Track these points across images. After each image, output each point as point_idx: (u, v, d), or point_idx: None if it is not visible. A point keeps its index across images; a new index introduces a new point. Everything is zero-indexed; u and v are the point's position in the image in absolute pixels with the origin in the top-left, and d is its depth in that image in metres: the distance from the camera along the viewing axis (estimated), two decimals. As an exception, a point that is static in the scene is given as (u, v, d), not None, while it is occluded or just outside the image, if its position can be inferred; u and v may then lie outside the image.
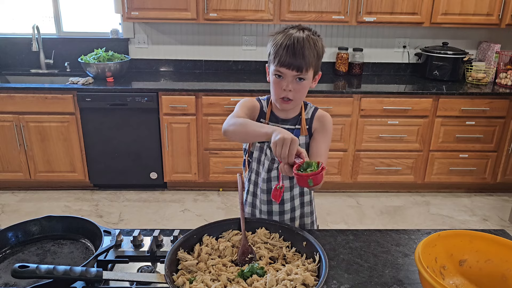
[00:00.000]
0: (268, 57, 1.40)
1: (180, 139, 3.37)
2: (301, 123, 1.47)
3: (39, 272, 0.99)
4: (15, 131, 3.29)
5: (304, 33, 1.34)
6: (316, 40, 1.35)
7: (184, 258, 1.16)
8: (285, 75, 1.34)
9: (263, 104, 1.50)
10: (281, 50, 1.32)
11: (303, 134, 1.47)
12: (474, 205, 3.51)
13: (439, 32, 3.76)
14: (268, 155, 1.47)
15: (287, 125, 1.47)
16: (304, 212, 1.58)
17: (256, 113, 1.49)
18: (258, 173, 1.52)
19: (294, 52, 1.30)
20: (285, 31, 1.36)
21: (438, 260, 1.15)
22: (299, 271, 1.10)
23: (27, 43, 3.69)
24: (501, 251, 1.14)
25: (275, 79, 1.37)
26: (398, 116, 3.35)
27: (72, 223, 1.30)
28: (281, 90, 1.36)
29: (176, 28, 3.72)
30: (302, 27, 1.37)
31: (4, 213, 3.25)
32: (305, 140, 1.47)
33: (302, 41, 1.31)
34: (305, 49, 1.31)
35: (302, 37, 1.32)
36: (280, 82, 1.36)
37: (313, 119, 1.48)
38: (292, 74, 1.33)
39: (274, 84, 1.38)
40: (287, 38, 1.32)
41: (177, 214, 3.27)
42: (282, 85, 1.35)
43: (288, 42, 1.31)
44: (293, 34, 1.33)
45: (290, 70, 1.32)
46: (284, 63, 1.32)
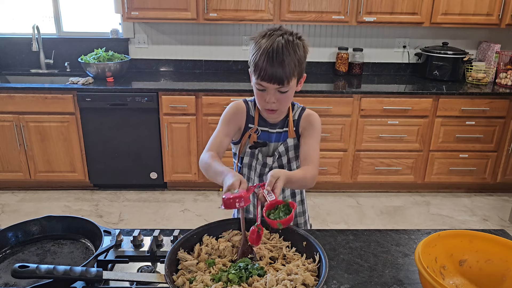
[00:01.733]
0: (249, 64, 1.34)
1: (180, 139, 3.37)
2: (289, 126, 1.45)
3: (39, 272, 0.99)
4: (15, 131, 3.29)
5: (284, 39, 1.27)
6: (296, 45, 1.28)
7: (184, 258, 1.15)
8: (267, 88, 1.30)
9: (250, 107, 1.47)
10: (261, 63, 1.26)
11: (291, 136, 1.46)
12: (474, 205, 3.51)
13: (439, 32, 3.76)
14: (260, 160, 1.46)
15: (275, 129, 1.46)
16: (295, 213, 1.58)
17: (242, 118, 1.46)
18: (249, 178, 1.51)
19: (273, 65, 1.25)
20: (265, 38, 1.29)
21: (438, 260, 1.15)
22: (299, 271, 1.10)
23: (27, 43, 3.69)
24: (501, 251, 1.14)
25: (257, 91, 1.34)
26: (398, 116, 3.35)
27: (72, 223, 1.30)
28: (264, 102, 1.34)
29: (176, 28, 3.72)
30: (282, 32, 1.29)
31: (4, 213, 3.25)
32: (293, 142, 1.46)
33: (281, 52, 1.24)
34: (285, 60, 1.25)
35: (280, 46, 1.25)
36: (263, 94, 1.33)
37: (300, 120, 1.46)
38: (274, 87, 1.29)
39: (257, 95, 1.36)
40: (265, 50, 1.25)
41: (177, 214, 3.27)
42: (265, 98, 1.33)
43: (266, 54, 1.25)
44: (273, 43, 1.25)
45: (272, 84, 1.28)
46: (264, 77, 1.27)
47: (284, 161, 1.47)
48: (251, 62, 1.31)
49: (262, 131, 1.46)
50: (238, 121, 1.46)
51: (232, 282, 1.07)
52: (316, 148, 1.43)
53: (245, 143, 1.48)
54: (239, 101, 1.50)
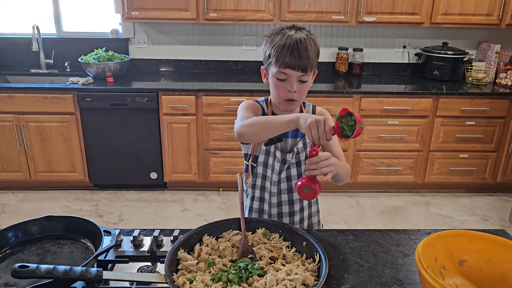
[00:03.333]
0: (266, 59, 1.38)
1: (180, 139, 3.37)
2: None
3: (39, 272, 0.99)
4: (15, 131, 3.29)
5: (303, 33, 1.34)
6: (314, 39, 1.36)
7: (184, 258, 1.16)
8: (289, 76, 1.33)
9: (263, 106, 1.49)
10: (285, 51, 1.30)
11: None
12: (474, 205, 3.51)
13: (439, 32, 3.76)
14: (278, 157, 1.45)
15: None
16: (311, 212, 1.59)
17: (259, 110, 1.48)
18: (265, 176, 1.50)
19: (299, 53, 1.30)
20: (282, 32, 1.34)
21: (438, 260, 1.15)
22: (299, 271, 1.10)
23: (27, 43, 3.69)
24: (501, 251, 1.14)
25: (277, 82, 1.36)
26: (398, 116, 3.35)
27: (72, 223, 1.30)
28: (285, 92, 1.35)
29: (176, 28, 3.72)
30: (299, 27, 1.36)
31: (4, 213, 3.25)
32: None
33: (305, 41, 1.31)
34: (308, 49, 1.31)
35: (302, 37, 1.32)
36: (284, 84, 1.35)
37: None
38: (297, 75, 1.33)
39: (277, 86, 1.37)
40: (288, 39, 1.31)
41: (177, 214, 3.27)
42: (286, 87, 1.34)
43: (290, 42, 1.30)
44: (293, 35, 1.32)
45: (296, 71, 1.31)
46: (289, 64, 1.30)
47: (302, 157, 1.47)
48: (272, 54, 1.33)
49: None
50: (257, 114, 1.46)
51: (232, 282, 1.07)
52: (339, 145, 1.48)
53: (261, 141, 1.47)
54: (251, 101, 1.51)
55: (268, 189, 1.50)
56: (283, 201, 1.51)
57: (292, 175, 1.48)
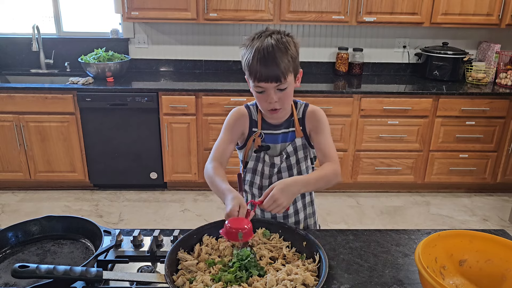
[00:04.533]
0: (244, 70, 1.35)
1: (180, 139, 3.37)
2: (295, 125, 1.45)
3: (39, 272, 0.99)
4: (15, 131, 3.29)
5: (272, 38, 1.28)
6: (286, 42, 1.29)
7: (184, 258, 1.16)
8: (265, 88, 1.30)
9: (252, 112, 1.47)
10: (255, 65, 1.27)
11: (299, 136, 1.45)
12: (474, 205, 3.51)
13: (439, 32, 3.76)
14: (267, 161, 1.46)
15: (280, 130, 1.45)
16: (307, 214, 1.58)
17: (245, 124, 1.46)
18: (253, 183, 1.51)
19: (267, 64, 1.26)
20: (253, 40, 1.30)
21: (438, 260, 1.15)
22: (299, 271, 1.10)
23: (27, 43, 3.69)
24: (501, 251, 1.14)
25: (257, 95, 1.34)
26: (398, 116, 3.35)
27: (72, 223, 1.30)
28: (266, 104, 1.33)
29: (176, 28, 3.72)
30: (270, 32, 1.31)
31: (4, 213, 3.25)
32: (301, 141, 1.46)
33: (273, 50, 1.25)
34: (278, 57, 1.26)
35: (270, 45, 1.26)
36: (263, 96, 1.32)
37: (304, 118, 1.46)
38: (273, 86, 1.29)
39: (258, 99, 1.36)
40: (256, 51, 1.26)
41: (177, 214, 3.27)
42: (266, 99, 1.32)
43: (258, 55, 1.26)
44: (261, 45, 1.27)
45: (269, 83, 1.28)
46: (260, 78, 1.28)
47: (292, 161, 1.46)
48: (245, 67, 1.31)
49: (266, 134, 1.45)
50: (241, 126, 1.46)
51: (232, 282, 1.07)
52: (330, 143, 1.43)
53: (250, 148, 1.47)
54: (241, 106, 1.49)
55: (256, 195, 1.51)
56: None
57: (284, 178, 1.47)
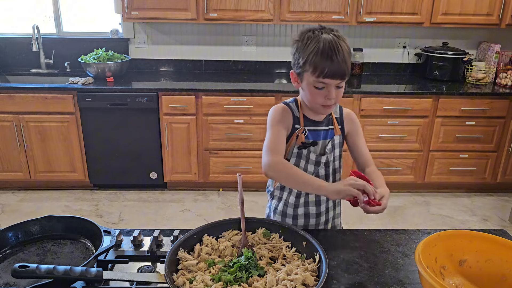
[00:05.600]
0: (298, 65, 1.34)
1: (180, 139, 3.37)
2: (333, 123, 1.47)
3: (39, 272, 0.99)
4: (15, 131, 3.29)
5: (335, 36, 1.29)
6: (345, 40, 1.32)
7: (184, 258, 1.15)
8: (328, 85, 1.31)
9: (293, 109, 1.46)
10: (323, 61, 1.27)
11: (337, 134, 1.47)
12: (474, 205, 3.51)
13: (439, 32, 3.76)
14: (312, 159, 1.44)
15: (321, 126, 1.46)
16: (335, 213, 1.59)
17: (289, 121, 1.44)
18: None
19: (337, 60, 1.27)
20: (315, 37, 1.29)
21: (438, 260, 1.15)
22: (299, 271, 1.10)
23: (27, 43, 3.69)
24: (501, 251, 1.14)
25: (314, 90, 1.33)
26: (398, 116, 3.35)
27: (72, 223, 1.30)
28: (323, 99, 1.33)
29: (176, 28, 3.72)
30: (329, 29, 1.31)
31: (4, 213, 3.25)
32: (339, 139, 1.48)
33: (340, 47, 1.27)
34: (345, 55, 1.28)
35: (336, 41, 1.27)
36: (322, 92, 1.32)
37: (342, 118, 1.50)
38: (335, 83, 1.31)
39: (314, 94, 1.34)
40: (323, 47, 1.27)
41: (177, 214, 3.27)
42: (324, 95, 1.32)
43: (327, 51, 1.26)
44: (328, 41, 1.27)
45: (334, 79, 1.29)
46: (328, 74, 1.28)
47: (330, 158, 1.47)
48: (308, 62, 1.30)
49: (309, 131, 1.45)
50: (287, 121, 1.44)
51: (232, 282, 1.07)
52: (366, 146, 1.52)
53: (292, 145, 1.45)
54: (280, 104, 1.47)
55: (294, 191, 1.49)
56: (310, 201, 1.50)
57: (320, 175, 1.47)
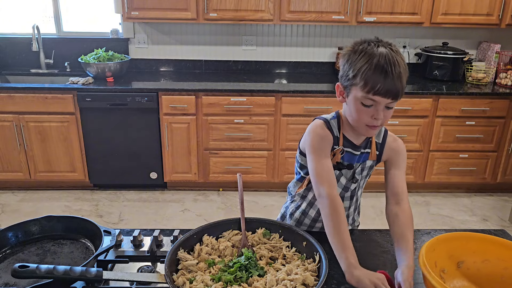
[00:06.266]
0: (346, 78, 1.22)
1: (180, 139, 3.37)
2: (371, 147, 1.38)
3: (39, 272, 0.99)
4: (15, 131, 3.29)
5: (392, 51, 1.18)
6: (402, 57, 1.20)
7: (184, 258, 1.16)
8: (377, 103, 1.19)
9: (333, 128, 1.34)
10: (376, 76, 1.15)
11: (372, 158, 1.40)
12: (474, 205, 3.51)
13: (439, 32, 3.76)
14: (341, 183, 1.37)
15: (359, 150, 1.37)
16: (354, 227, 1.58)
17: (330, 142, 1.32)
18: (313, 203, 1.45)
19: (392, 78, 1.15)
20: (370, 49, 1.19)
21: (438, 264, 1.14)
22: (299, 271, 1.10)
23: (27, 43, 3.69)
24: (497, 250, 1.14)
25: (361, 107, 1.21)
26: (398, 116, 3.35)
27: (72, 223, 1.30)
28: (369, 119, 1.22)
29: (176, 28, 3.72)
30: (386, 43, 1.20)
31: (4, 213, 3.25)
32: (371, 163, 1.41)
33: (399, 66, 1.16)
34: (402, 73, 1.17)
35: (394, 58, 1.16)
36: (369, 110, 1.21)
37: (384, 146, 1.39)
38: (386, 102, 1.19)
39: (360, 111, 1.22)
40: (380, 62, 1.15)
41: (177, 214, 3.28)
42: (371, 114, 1.21)
43: (383, 66, 1.15)
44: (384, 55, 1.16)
45: (386, 98, 1.18)
46: (380, 91, 1.16)
47: (361, 184, 1.44)
48: (359, 76, 1.18)
49: (346, 152, 1.36)
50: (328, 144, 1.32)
51: (232, 282, 1.07)
52: (405, 180, 1.37)
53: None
54: (320, 122, 1.34)
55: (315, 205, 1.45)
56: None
57: (345, 196, 1.43)
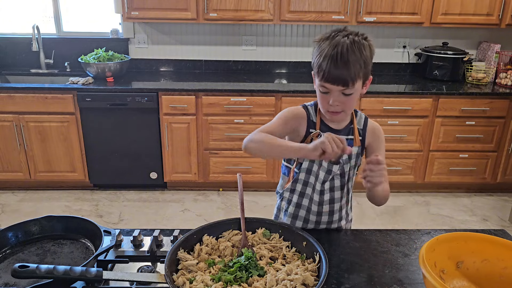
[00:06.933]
0: (312, 66, 1.31)
1: (180, 139, 3.37)
2: (354, 133, 1.43)
3: (39, 272, 0.99)
4: (15, 131, 3.29)
5: (349, 39, 1.23)
6: (362, 45, 1.24)
7: (184, 258, 1.16)
8: (330, 90, 1.27)
9: (311, 112, 1.42)
10: (325, 64, 1.22)
11: (356, 144, 1.43)
12: (474, 205, 3.51)
13: (439, 32, 3.76)
14: (324, 166, 1.41)
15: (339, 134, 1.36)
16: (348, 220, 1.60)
17: (302, 124, 1.40)
18: (307, 183, 1.45)
19: (337, 66, 1.21)
20: (328, 39, 1.25)
21: (438, 264, 1.14)
22: (299, 271, 1.10)
23: (27, 43, 3.69)
24: (496, 250, 1.14)
25: (320, 94, 1.30)
26: (398, 116, 3.35)
27: (72, 223, 1.30)
28: (328, 105, 1.30)
29: (176, 28, 3.72)
30: (348, 33, 1.25)
31: (4, 213, 3.25)
32: (358, 150, 1.43)
33: (346, 52, 1.21)
34: (350, 61, 1.21)
35: (346, 46, 1.21)
36: (326, 97, 1.29)
37: (365, 131, 1.45)
38: (338, 89, 1.25)
39: (320, 98, 1.32)
40: (330, 50, 1.22)
41: (177, 214, 3.28)
42: (328, 100, 1.29)
43: (331, 54, 1.21)
44: (337, 44, 1.22)
45: (335, 85, 1.24)
46: (328, 78, 1.24)
47: (346, 168, 1.44)
48: (315, 64, 1.28)
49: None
50: (295, 126, 1.41)
51: (232, 282, 1.07)
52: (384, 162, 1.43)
53: None
54: (298, 107, 1.44)
55: (310, 195, 1.46)
56: (324, 212, 1.47)
57: (335, 185, 1.45)
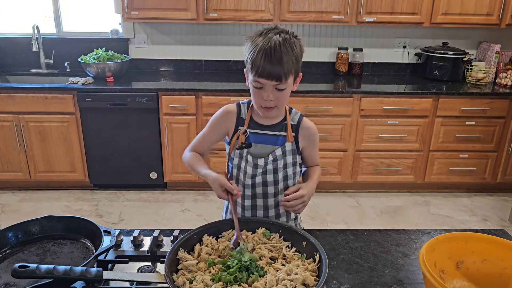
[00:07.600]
0: (246, 63, 1.34)
1: (180, 139, 3.37)
2: (287, 130, 1.45)
3: (39, 272, 0.99)
4: (15, 131, 3.29)
5: (281, 37, 1.27)
6: (293, 43, 1.29)
7: (184, 258, 1.16)
8: (264, 85, 1.30)
9: (243, 110, 1.47)
10: (258, 60, 1.26)
11: (289, 140, 1.44)
12: (474, 205, 3.51)
13: (439, 32, 3.76)
14: (250, 161, 1.44)
15: (271, 131, 1.44)
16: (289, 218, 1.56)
17: (231, 122, 1.47)
18: (238, 180, 1.48)
19: (271, 61, 1.25)
20: (261, 36, 1.29)
21: (438, 264, 1.14)
22: (299, 271, 1.10)
23: (27, 43, 3.69)
24: (496, 250, 1.14)
25: (254, 89, 1.34)
26: (398, 116, 3.35)
27: (72, 223, 1.30)
28: (261, 100, 1.33)
29: (176, 28, 3.72)
30: (279, 31, 1.30)
31: (4, 213, 3.25)
32: (292, 146, 1.45)
33: (279, 48, 1.25)
34: (283, 57, 1.25)
35: (278, 43, 1.26)
36: (260, 92, 1.32)
37: (299, 128, 1.46)
38: (272, 84, 1.29)
39: (254, 94, 1.35)
40: (263, 46, 1.26)
41: (177, 214, 3.28)
42: (262, 95, 1.32)
43: (264, 50, 1.25)
44: (269, 41, 1.26)
45: (269, 80, 1.28)
46: (262, 73, 1.27)
47: (280, 165, 1.45)
48: (248, 60, 1.31)
49: (252, 133, 1.44)
50: (226, 124, 1.48)
51: (232, 283, 1.07)
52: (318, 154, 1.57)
53: (234, 144, 1.46)
54: (231, 104, 1.50)
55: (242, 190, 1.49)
56: (258, 205, 1.49)
57: (268, 180, 1.46)
